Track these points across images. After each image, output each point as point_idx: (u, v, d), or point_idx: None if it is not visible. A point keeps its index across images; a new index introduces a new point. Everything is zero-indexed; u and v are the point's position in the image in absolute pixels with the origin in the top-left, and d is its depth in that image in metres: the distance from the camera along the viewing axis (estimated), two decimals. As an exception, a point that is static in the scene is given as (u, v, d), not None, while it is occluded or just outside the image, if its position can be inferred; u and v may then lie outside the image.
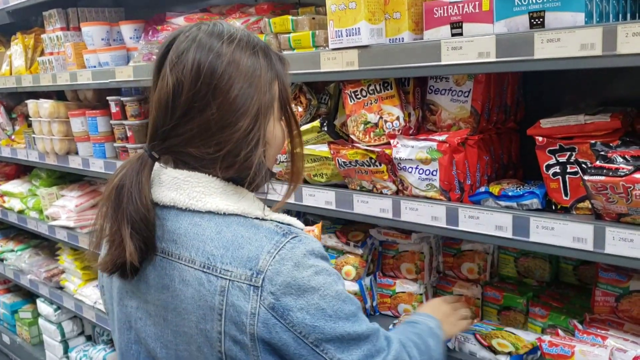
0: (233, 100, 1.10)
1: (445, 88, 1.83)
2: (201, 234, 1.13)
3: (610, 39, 1.29)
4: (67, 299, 3.66)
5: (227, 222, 1.13)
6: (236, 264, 1.08)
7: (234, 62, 1.11)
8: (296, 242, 1.10)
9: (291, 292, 1.06)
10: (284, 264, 1.07)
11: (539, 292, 1.90)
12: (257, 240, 1.10)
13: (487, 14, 1.55)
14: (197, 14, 2.52)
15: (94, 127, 3.11)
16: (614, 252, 1.39)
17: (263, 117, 1.14)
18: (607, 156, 1.41)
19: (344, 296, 1.11)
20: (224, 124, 1.11)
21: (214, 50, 1.11)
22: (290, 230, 1.13)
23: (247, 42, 1.15)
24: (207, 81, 1.09)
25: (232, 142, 1.11)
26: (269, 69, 1.16)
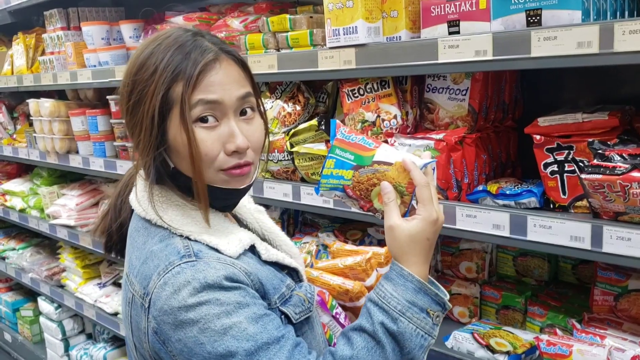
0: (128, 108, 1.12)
1: (443, 86, 1.82)
2: (135, 240, 1.16)
3: (607, 36, 1.29)
4: (67, 297, 3.67)
5: (154, 233, 1.13)
6: (139, 278, 1.08)
7: (137, 59, 1.11)
8: (186, 267, 1.03)
9: (168, 320, 1.01)
10: (164, 289, 1.02)
11: (537, 291, 1.89)
12: (157, 258, 1.07)
13: (484, 12, 1.55)
14: (195, 13, 2.52)
15: (94, 126, 3.11)
16: (611, 251, 1.38)
17: (158, 118, 1.07)
18: (605, 154, 1.41)
19: (236, 330, 0.99)
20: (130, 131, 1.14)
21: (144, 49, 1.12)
22: (197, 254, 1.06)
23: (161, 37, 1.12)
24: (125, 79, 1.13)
25: (138, 146, 1.11)
26: (174, 67, 1.06)
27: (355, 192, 1.18)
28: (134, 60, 1.13)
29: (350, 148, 1.19)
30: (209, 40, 1.13)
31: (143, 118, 1.08)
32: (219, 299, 1.00)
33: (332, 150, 1.19)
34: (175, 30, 1.14)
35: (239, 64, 1.15)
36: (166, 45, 1.10)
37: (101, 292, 3.50)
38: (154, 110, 1.06)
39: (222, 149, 1.09)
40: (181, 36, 1.12)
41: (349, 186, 1.18)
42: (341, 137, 1.20)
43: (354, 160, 1.18)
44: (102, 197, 3.51)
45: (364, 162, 1.17)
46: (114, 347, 3.65)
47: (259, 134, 1.15)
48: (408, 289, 1.07)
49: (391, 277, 1.09)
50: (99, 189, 3.58)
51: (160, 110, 1.06)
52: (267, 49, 2.11)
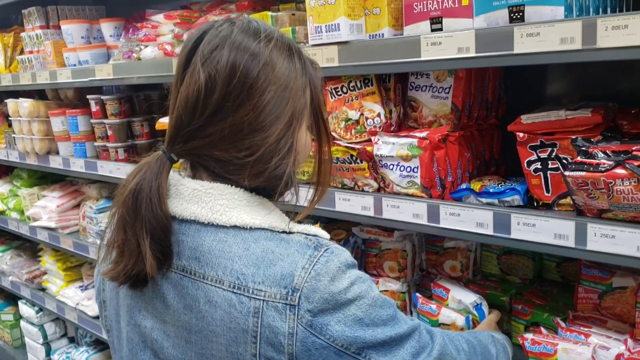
0: (267, 103, 1.04)
1: (426, 84, 1.81)
2: (227, 251, 1.05)
3: (590, 32, 1.28)
4: (49, 300, 3.61)
5: (255, 237, 1.05)
6: (269, 282, 1.01)
7: (270, 63, 1.05)
8: (329, 255, 1.04)
9: (329, 307, 1.01)
10: (320, 280, 1.01)
11: (522, 290, 1.88)
12: (289, 255, 1.03)
13: (466, 9, 1.53)
14: (177, 11, 2.48)
15: (75, 126, 3.06)
16: (595, 248, 1.38)
17: (296, 123, 1.09)
18: (588, 151, 1.40)
19: (380, 301, 1.08)
20: (256, 127, 1.04)
21: (249, 50, 1.04)
22: (319, 242, 1.06)
23: (283, 44, 1.09)
24: (242, 80, 1.03)
25: (263, 147, 1.04)
26: (303, 73, 1.11)
27: None
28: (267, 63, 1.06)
29: (424, 314, 1.81)
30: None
31: (281, 119, 1.06)
32: (360, 276, 1.07)
33: (418, 316, 1.82)
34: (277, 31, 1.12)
35: None
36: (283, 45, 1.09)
37: (83, 294, 3.45)
38: (300, 111, 1.09)
39: None
40: (284, 37, 1.12)
41: None
42: (420, 307, 1.82)
43: (429, 323, 1.75)
44: (84, 198, 3.46)
45: (434, 324, 1.75)
46: (97, 351, 3.60)
47: None
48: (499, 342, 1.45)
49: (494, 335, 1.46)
50: (80, 190, 3.53)
51: (299, 113, 1.10)
52: (248, 47, 2.08)
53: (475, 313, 1.70)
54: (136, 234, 1.04)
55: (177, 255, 1.08)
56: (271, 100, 1.04)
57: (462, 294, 1.77)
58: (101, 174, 2.91)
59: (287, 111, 1.07)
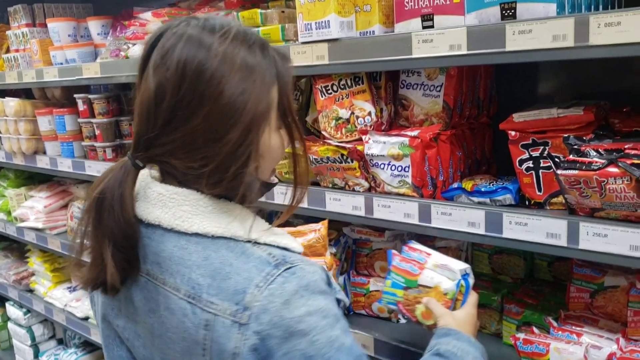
0: (222, 109, 0.96)
1: (417, 82, 1.79)
2: (187, 259, 1.02)
3: (583, 30, 1.27)
4: (37, 302, 3.57)
5: (216, 246, 1.02)
6: (222, 296, 0.98)
7: (227, 61, 0.97)
8: (289, 276, 0.98)
9: (277, 333, 0.95)
10: (272, 301, 0.95)
11: (513, 289, 1.87)
12: (246, 270, 0.98)
13: (457, 6, 1.52)
14: (165, 9, 2.45)
15: (62, 126, 3.03)
16: (588, 247, 1.36)
17: (256, 129, 1.00)
18: (581, 150, 1.39)
19: (338, 344, 0.98)
20: (210, 137, 0.97)
21: (204, 47, 0.97)
22: (284, 259, 1.00)
23: (244, 38, 1.01)
24: (192, 86, 0.96)
25: (219, 157, 0.99)
26: (268, 70, 1.02)
27: (405, 307, 1.54)
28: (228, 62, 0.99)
29: (401, 273, 1.56)
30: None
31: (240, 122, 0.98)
32: (322, 308, 0.98)
33: (390, 274, 1.59)
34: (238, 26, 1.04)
35: None
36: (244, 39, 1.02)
37: (71, 296, 3.41)
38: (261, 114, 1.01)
39: None
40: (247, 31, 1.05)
41: (401, 302, 1.54)
42: (396, 264, 1.58)
43: (405, 283, 1.55)
44: (71, 198, 3.42)
45: (411, 285, 1.54)
46: (86, 353, 3.56)
47: None
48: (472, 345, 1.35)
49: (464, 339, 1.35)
50: (68, 190, 3.49)
51: (263, 114, 1.02)
52: (238, 45, 2.06)
53: (464, 283, 1.51)
54: (99, 243, 1.02)
55: (142, 259, 1.06)
56: (226, 106, 0.97)
57: (448, 260, 1.55)
58: (89, 174, 2.87)
59: (245, 117, 0.98)
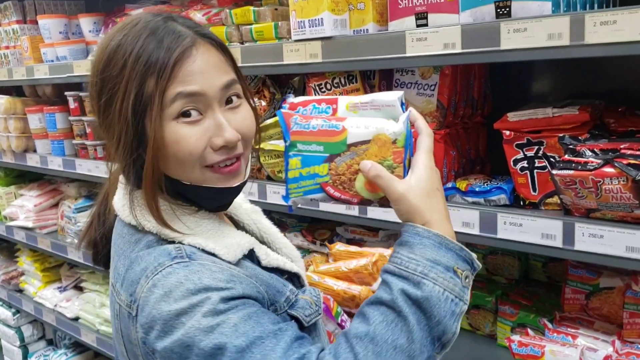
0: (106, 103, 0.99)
1: (411, 81, 1.77)
2: (122, 248, 1.05)
3: (578, 28, 1.25)
4: (26, 302, 3.53)
5: (141, 240, 1.02)
6: (125, 286, 0.98)
7: (102, 53, 0.99)
8: (180, 268, 0.92)
9: (156, 327, 0.90)
10: (152, 292, 0.91)
11: (508, 290, 1.86)
12: (145, 261, 0.96)
13: (452, 4, 1.50)
14: (157, 6, 2.43)
15: (53, 124, 3.00)
16: (583, 248, 1.35)
17: (139, 116, 0.95)
18: (576, 150, 1.37)
19: (226, 327, 0.88)
20: (105, 133, 1.03)
21: (100, 46, 1.02)
22: (190, 255, 0.95)
23: (143, 26, 0.98)
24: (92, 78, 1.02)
25: (114, 151, 1.01)
26: (146, 58, 0.95)
27: (337, 187, 0.99)
28: (100, 55, 1.00)
29: (314, 138, 0.99)
30: (183, 23, 1.01)
31: (116, 119, 0.97)
32: (213, 310, 0.88)
33: (292, 147, 1.00)
34: (143, 16, 1.02)
35: (218, 48, 1.03)
36: (134, 34, 0.97)
37: (61, 296, 3.37)
38: (127, 109, 0.95)
39: (209, 144, 0.98)
40: (151, 22, 0.99)
41: (328, 183, 0.99)
42: (298, 129, 1.00)
43: (325, 151, 0.98)
44: (62, 197, 3.38)
45: (337, 150, 0.98)
46: (76, 354, 3.52)
47: (248, 122, 1.04)
48: (427, 246, 0.90)
49: (405, 240, 0.92)
50: (59, 189, 3.45)
51: (134, 109, 0.95)
52: (230, 43, 2.04)
53: (404, 120, 0.98)
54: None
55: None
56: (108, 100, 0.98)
57: (371, 95, 1.03)
58: (80, 172, 2.84)
59: (121, 106, 0.96)
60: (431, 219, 0.93)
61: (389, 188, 0.94)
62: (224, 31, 2.04)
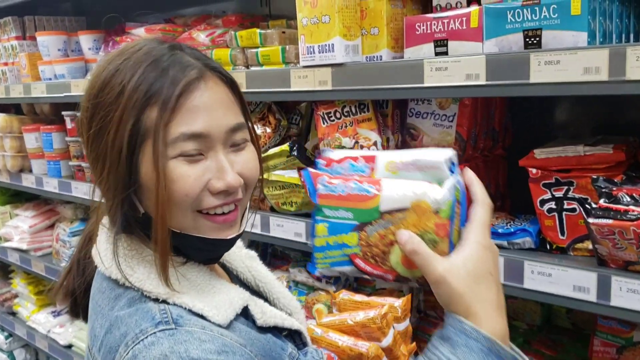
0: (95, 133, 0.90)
1: (428, 111, 1.65)
2: (100, 305, 0.94)
3: (619, 62, 1.13)
4: (19, 326, 3.41)
5: (122, 296, 0.90)
6: (103, 352, 0.87)
7: (98, 77, 0.91)
8: (163, 337, 0.81)
9: None
10: None
11: (529, 337, 1.72)
12: (125, 325, 0.85)
13: (475, 32, 1.38)
14: (158, 25, 2.32)
15: (49, 144, 2.88)
16: (621, 304, 1.22)
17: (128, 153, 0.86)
18: (612, 194, 1.24)
19: None
20: (92, 163, 0.94)
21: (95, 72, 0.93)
22: (176, 320, 0.84)
23: (129, 50, 0.91)
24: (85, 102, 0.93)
25: (101, 186, 0.92)
26: (147, 87, 0.86)
27: (368, 260, 0.88)
28: (95, 79, 0.91)
29: (343, 203, 0.88)
30: (190, 54, 0.92)
31: (107, 152, 0.87)
32: None
33: (319, 212, 0.89)
34: (146, 42, 0.92)
35: (228, 84, 0.94)
36: (136, 60, 0.89)
37: (55, 321, 3.25)
38: (121, 142, 0.86)
39: (207, 186, 0.88)
40: (155, 49, 0.90)
41: (358, 255, 0.88)
42: (326, 192, 0.89)
43: (355, 218, 0.87)
44: (58, 218, 3.27)
45: (369, 217, 0.86)
46: (69, 381, 3.39)
47: (252, 166, 0.94)
48: (472, 350, 0.76)
49: (447, 336, 0.79)
50: (55, 209, 3.33)
51: (129, 142, 0.86)
52: (235, 66, 1.92)
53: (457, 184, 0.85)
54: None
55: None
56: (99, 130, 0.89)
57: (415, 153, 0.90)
58: (75, 195, 2.72)
59: (114, 137, 0.87)
60: (479, 311, 0.78)
61: (427, 267, 0.80)
62: (228, 54, 1.93)
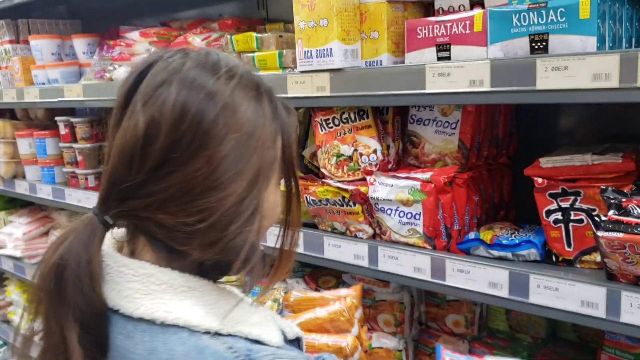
0: (227, 155, 0.82)
1: (430, 118, 1.60)
2: (132, 351, 0.83)
3: (630, 68, 1.08)
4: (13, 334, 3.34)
5: (165, 336, 0.82)
6: None
7: (232, 105, 0.84)
8: None
9: None
10: None
11: (534, 351, 1.66)
12: None
13: (479, 36, 1.33)
14: (153, 29, 2.27)
15: (43, 149, 2.83)
16: (631, 321, 1.17)
17: (263, 180, 0.87)
18: (622, 205, 1.19)
19: None
20: (212, 185, 0.82)
21: (205, 88, 0.83)
22: (249, 356, 0.81)
23: (249, 82, 0.88)
24: (194, 126, 0.81)
25: (220, 211, 0.82)
26: (274, 119, 0.89)
27: None
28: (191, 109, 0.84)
29: None
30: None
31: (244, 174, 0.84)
32: None
33: None
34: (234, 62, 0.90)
35: None
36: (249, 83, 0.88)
37: (49, 330, 3.18)
38: (268, 165, 0.88)
39: None
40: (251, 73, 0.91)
41: None
42: None
43: None
44: (53, 225, 3.21)
45: None
46: (64, 390, 3.33)
47: None
48: None
49: None
50: (50, 216, 3.28)
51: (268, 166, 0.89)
52: (230, 71, 1.87)
53: None
54: (61, 324, 0.81)
55: None
56: (231, 151, 0.83)
57: None
58: (69, 202, 2.67)
59: (251, 165, 0.84)
60: None
61: None
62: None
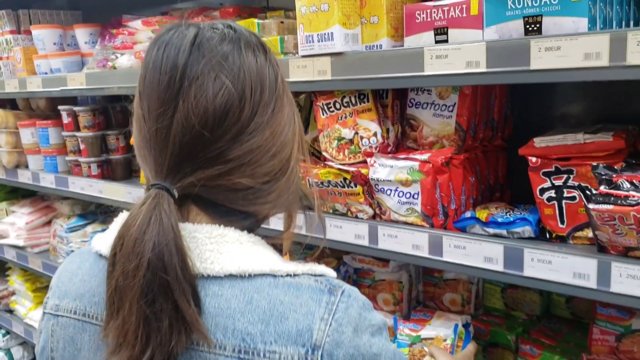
0: (288, 113, 0.94)
1: (427, 101, 1.65)
2: (225, 307, 0.85)
3: (619, 47, 1.13)
4: (16, 323, 3.39)
5: (255, 286, 0.86)
6: (283, 341, 0.83)
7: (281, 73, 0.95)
8: (348, 300, 0.87)
9: None
10: (343, 332, 0.84)
11: (528, 327, 1.72)
12: (302, 305, 0.85)
13: (475, 19, 1.38)
14: (155, 17, 2.31)
15: (45, 139, 2.87)
16: (620, 290, 1.22)
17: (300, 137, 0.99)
18: (612, 181, 1.24)
19: (398, 355, 0.92)
20: (284, 141, 0.92)
21: (261, 54, 0.90)
22: (332, 283, 0.88)
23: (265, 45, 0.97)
24: (272, 90, 0.89)
25: (291, 164, 0.94)
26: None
27: None
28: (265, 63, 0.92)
29: (405, 333, 1.70)
30: None
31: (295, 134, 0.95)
32: (378, 324, 0.90)
33: (395, 339, 1.70)
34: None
35: None
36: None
37: (52, 317, 3.23)
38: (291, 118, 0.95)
39: None
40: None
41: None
42: (401, 327, 1.72)
43: (409, 340, 1.68)
44: (55, 215, 3.25)
45: (415, 340, 1.66)
46: (66, 377, 3.37)
47: None
48: None
49: None
50: (52, 206, 3.31)
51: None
52: (232, 57, 1.92)
53: (463, 329, 1.65)
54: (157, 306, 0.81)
55: None
56: (290, 108, 0.94)
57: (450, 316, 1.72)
58: (72, 190, 2.71)
59: (296, 126, 0.96)
60: None
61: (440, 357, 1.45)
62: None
